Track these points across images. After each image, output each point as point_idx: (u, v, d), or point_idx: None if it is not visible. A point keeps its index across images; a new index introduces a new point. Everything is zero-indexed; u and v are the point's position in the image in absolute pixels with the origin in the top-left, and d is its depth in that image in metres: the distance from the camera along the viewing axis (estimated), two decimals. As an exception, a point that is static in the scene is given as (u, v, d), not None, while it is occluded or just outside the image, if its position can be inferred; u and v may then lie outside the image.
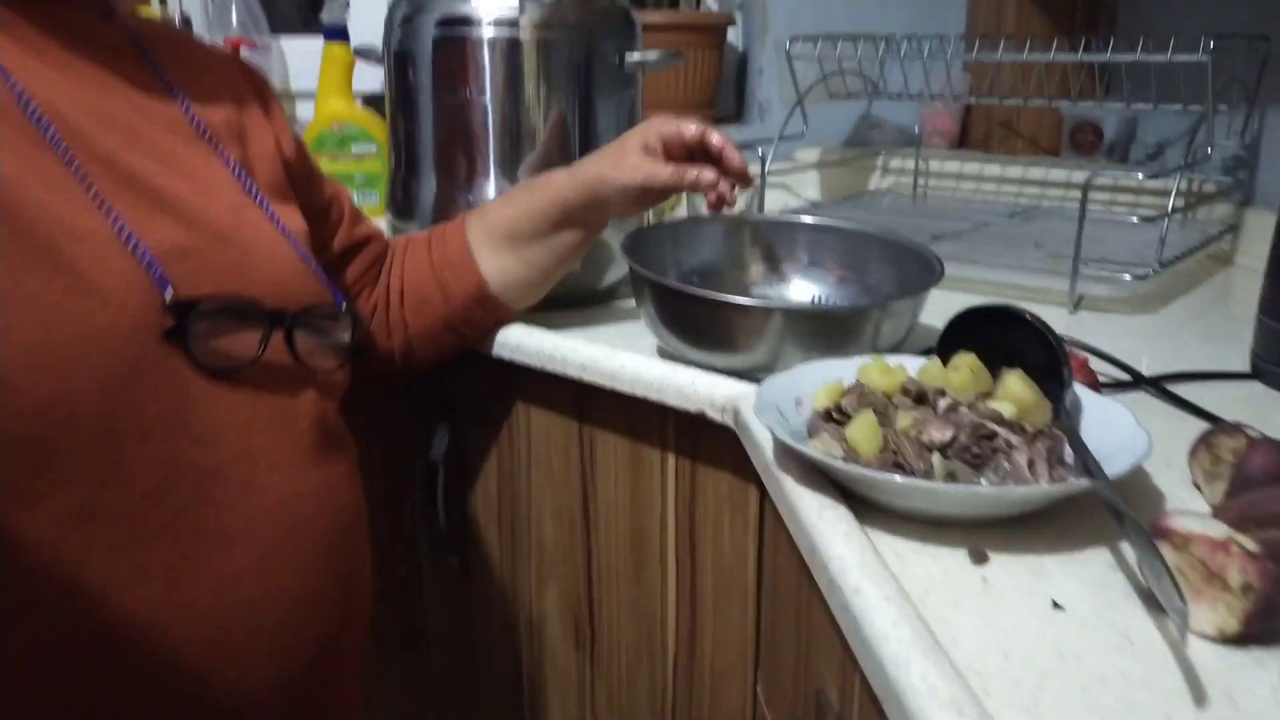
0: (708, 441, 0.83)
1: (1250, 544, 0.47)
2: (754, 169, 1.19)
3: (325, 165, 1.34)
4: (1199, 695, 0.43)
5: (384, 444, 1.06)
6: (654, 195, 0.82)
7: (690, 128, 0.81)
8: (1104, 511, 0.57)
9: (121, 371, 0.56)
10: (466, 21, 0.96)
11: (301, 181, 0.80)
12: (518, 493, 0.99)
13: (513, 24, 0.96)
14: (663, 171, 0.80)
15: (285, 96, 1.46)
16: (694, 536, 0.87)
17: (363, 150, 1.34)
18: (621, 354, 0.83)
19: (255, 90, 0.79)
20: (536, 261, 0.86)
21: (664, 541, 0.89)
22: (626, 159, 0.81)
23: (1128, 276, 0.96)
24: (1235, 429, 0.60)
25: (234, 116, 0.74)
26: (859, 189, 1.50)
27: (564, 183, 0.84)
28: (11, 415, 0.51)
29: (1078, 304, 0.98)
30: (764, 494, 0.80)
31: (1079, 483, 0.53)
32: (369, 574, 0.76)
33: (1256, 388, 0.79)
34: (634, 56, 1.00)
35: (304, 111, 1.46)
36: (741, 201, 1.26)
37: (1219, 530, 0.48)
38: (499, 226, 0.86)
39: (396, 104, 1.01)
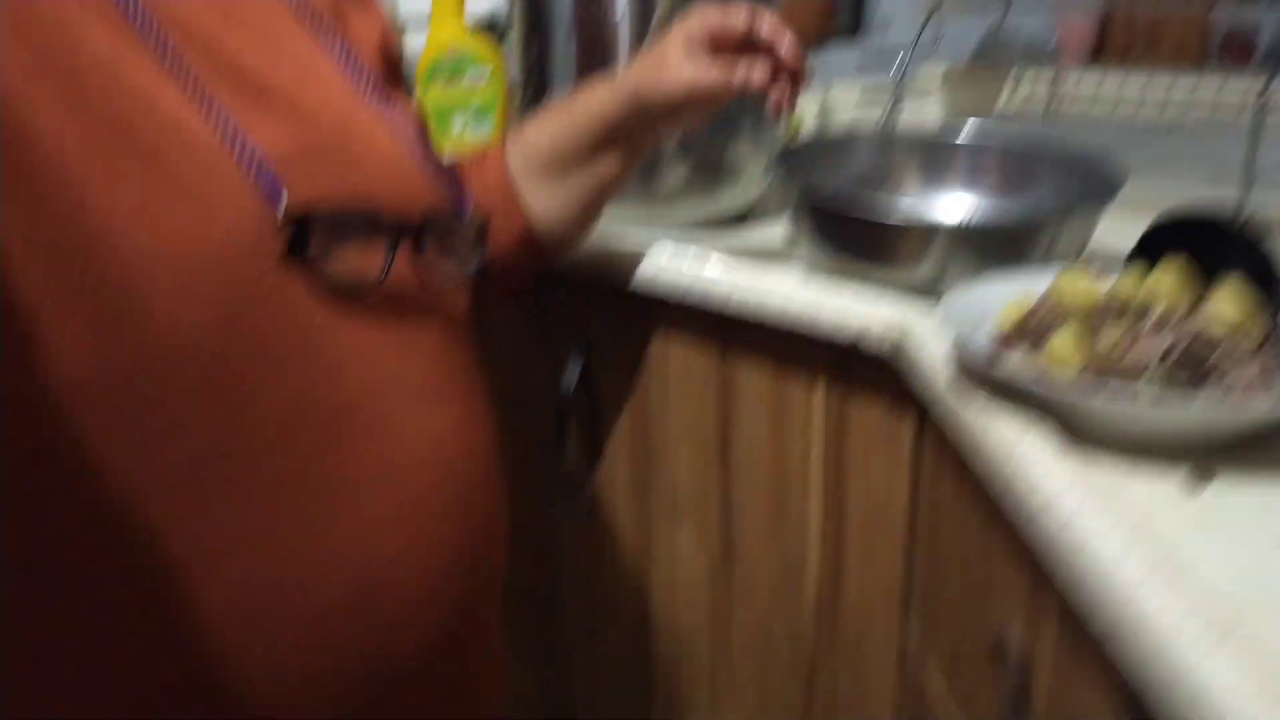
0: (860, 372, 0.78)
1: None
2: (885, 84, 1.12)
3: (440, 96, 1.32)
4: None
5: (510, 378, 1.04)
6: (702, 102, 0.72)
7: (737, 17, 0.70)
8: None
9: (237, 297, 0.49)
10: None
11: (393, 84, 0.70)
12: (651, 429, 0.96)
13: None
14: (708, 74, 0.69)
15: (393, 27, 1.43)
16: (840, 473, 0.83)
17: (477, 77, 1.30)
18: (768, 283, 0.79)
19: None
20: (578, 193, 0.77)
21: (807, 478, 0.85)
22: (668, 63, 0.71)
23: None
24: None
25: None
26: (988, 107, 1.42)
27: (603, 96, 0.73)
28: (121, 351, 0.46)
29: (1250, 220, 0.90)
30: (921, 427, 0.76)
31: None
32: (505, 519, 0.68)
33: None
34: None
35: (411, 41, 1.43)
36: (875, 117, 1.20)
37: None
38: (539, 152, 0.76)
39: (528, 21, 0.98)
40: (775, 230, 0.92)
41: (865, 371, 0.77)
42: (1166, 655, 0.37)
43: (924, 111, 1.39)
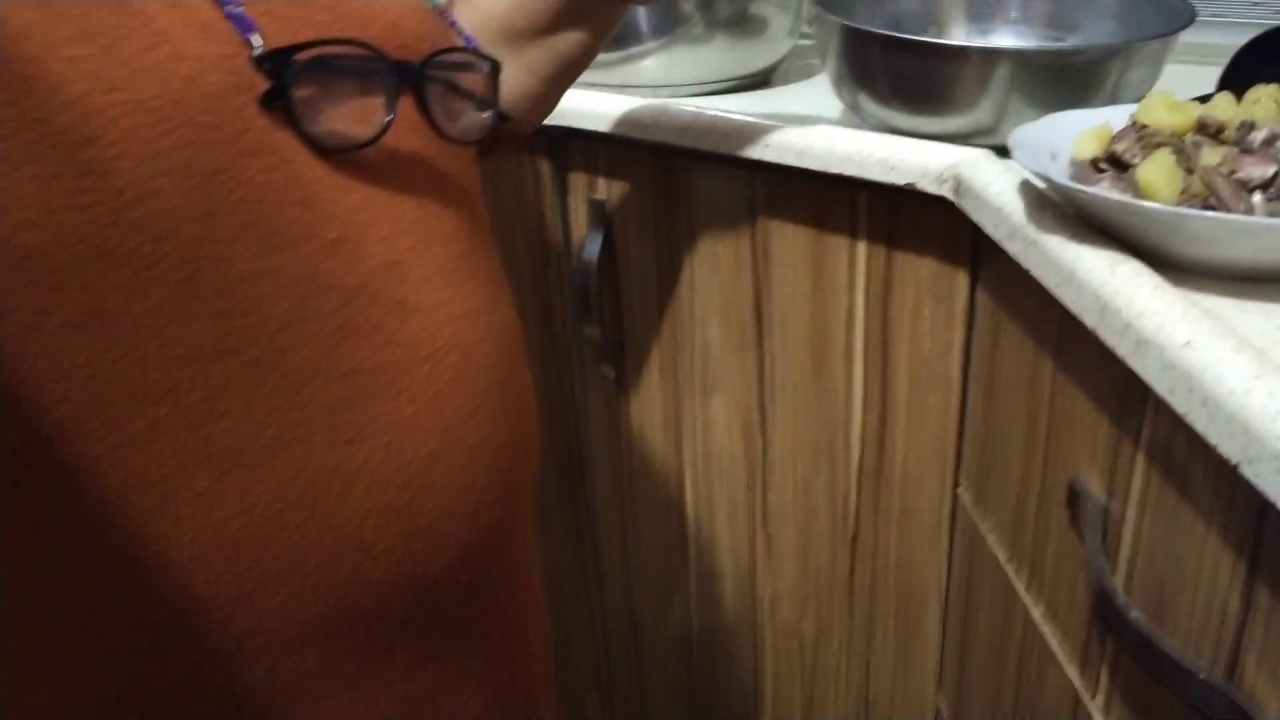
0: (908, 223, 0.74)
1: None
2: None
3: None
4: None
5: (531, 248, 1.00)
6: None
7: None
8: None
9: (216, 153, 0.42)
10: None
11: None
12: (679, 295, 0.92)
13: None
14: None
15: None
16: (886, 332, 0.80)
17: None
18: (811, 127, 0.74)
19: None
20: (539, 67, 0.70)
21: (850, 340, 0.82)
22: None
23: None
24: None
25: None
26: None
27: None
28: (81, 216, 0.38)
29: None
30: (975, 280, 0.72)
31: None
32: (536, 411, 0.62)
33: None
34: None
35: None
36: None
37: None
38: (491, 24, 0.68)
39: None
40: (804, 94, 0.87)
41: (916, 223, 0.73)
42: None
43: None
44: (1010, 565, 0.69)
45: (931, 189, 0.68)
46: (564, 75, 0.71)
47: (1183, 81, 0.69)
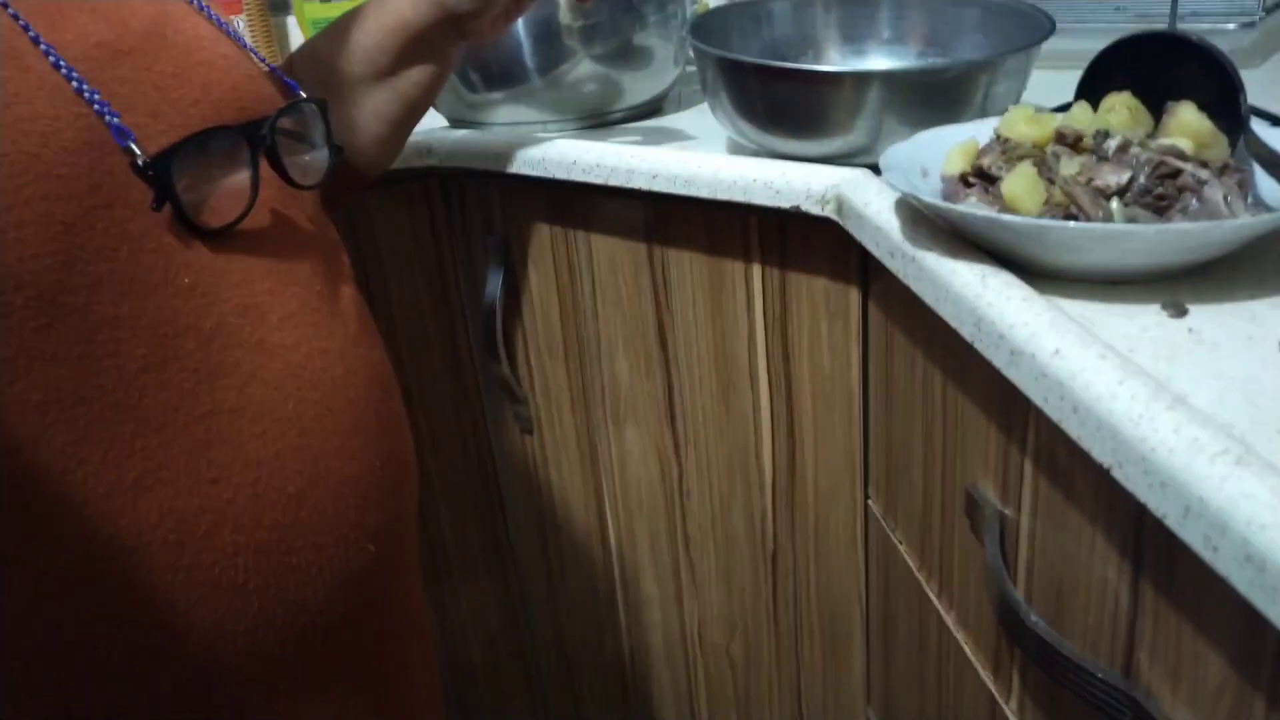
0: (798, 244, 0.75)
1: None
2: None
3: (318, 10, 1.22)
4: None
5: (433, 292, 0.99)
6: None
7: None
8: (1307, 248, 0.50)
9: (71, 205, 0.43)
10: None
11: None
12: (584, 330, 0.92)
13: None
14: None
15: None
16: (787, 351, 0.80)
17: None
18: (696, 155, 0.75)
19: None
20: (383, 111, 0.71)
21: (753, 361, 0.83)
22: None
23: (1232, 25, 0.87)
24: None
25: None
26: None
27: (400, 6, 0.68)
28: None
29: (1174, 65, 0.89)
30: (866, 295, 0.74)
31: (1300, 209, 0.46)
32: (413, 445, 0.63)
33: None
34: None
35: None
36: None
37: None
38: (333, 74, 0.70)
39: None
40: (694, 120, 0.88)
41: (805, 243, 0.75)
42: (1182, 479, 0.35)
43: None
44: (921, 574, 0.70)
45: (815, 210, 0.69)
46: (407, 117, 0.72)
47: (1051, 87, 0.71)
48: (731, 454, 0.88)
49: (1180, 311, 0.47)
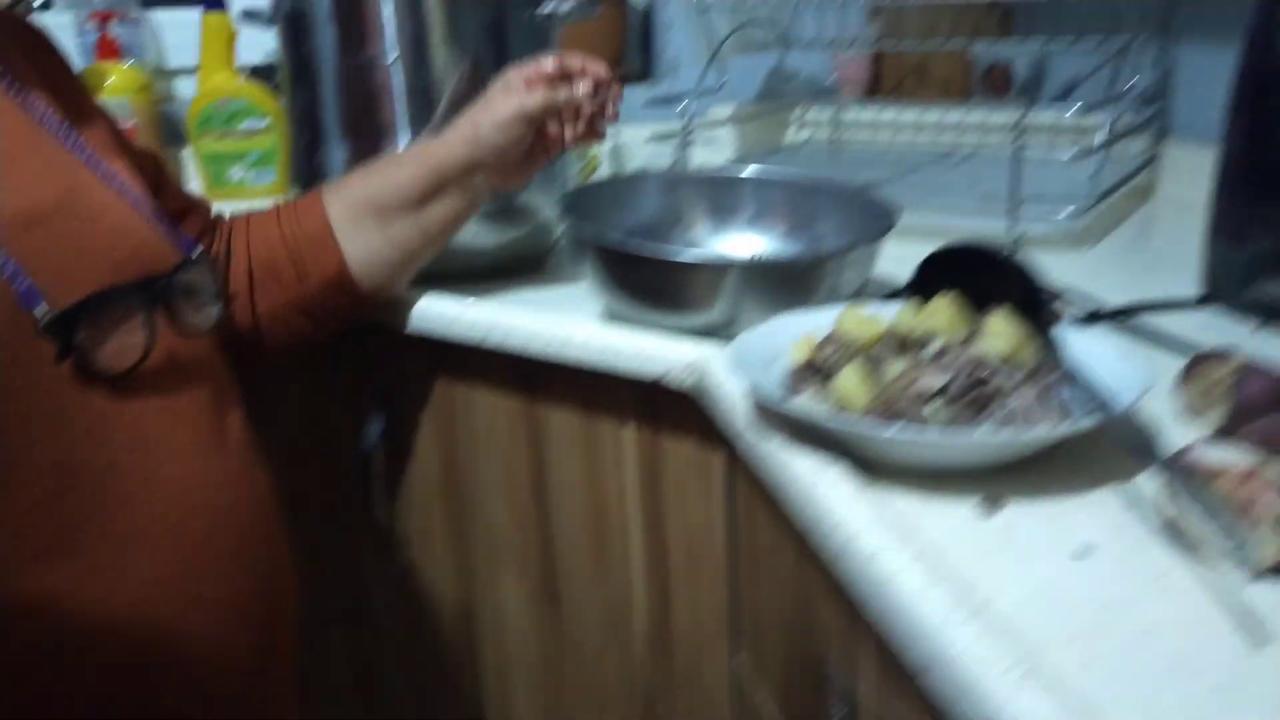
0: (667, 409, 0.78)
1: (1277, 472, 0.45)
2: (676, 126, 1.15)
3: (213, 145, 1.25)
4: (1258, 635, 0.41)
5: (315, 437, 0.99)
6: (531, 129, 0.77)
7: (547, 61, 0.77)
8: (1109, 447, 0.55)
9: None
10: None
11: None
12: (463, 480, 0.93)
13: (416, -22, 0.89)
14: (534, 96, 0.76)
15: (161, 74, 1.34)
16: (658, 509, 0.83)
17: (254, 126, 1.24)
18: (569, 322, 0.78)
19: (36, 43, 0.70)
20: (403, 240, 0.79)
21: (625, 517, 0.85)
22: (494, 100, 0.77)
23: (1066, 212, 0.95)
24: (1222, 355, 0.58)
25: (31, 66, 0.66)
26: (775, 143, 1.47)
27: (435, 147, 0.78)
28: None
29: (1018, 243, 0.97)
30: (732, 460, 0.77)
31: (1091, 420, 0.51)
32: (293, 571, 0.69)
33: (1212, 314, 0.78)
34: (547, 7, 0.94)
35: (184, 89, 1.35)
36: (667, 159, 1.22)
37: (1244, 461, 0.46)
38: (362, 199, 0.78)
39: (293, 71, 0.93)
40: (576, 278, 0.92)
41: (673, 408, 0.78)
42: (976, 692, 0.38)
43: (717, 151, 1.43)
44: (780, 737, 0.72)
45: (678, 383, 0.73)
46: (423, 249, 0.80)
47: (906, 259, 0.76)
48: (606, 606, 0.89)
49: (996, 506, 0.51)
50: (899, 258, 0.78)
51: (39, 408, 0.53)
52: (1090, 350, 0.60)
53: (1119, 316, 0.76)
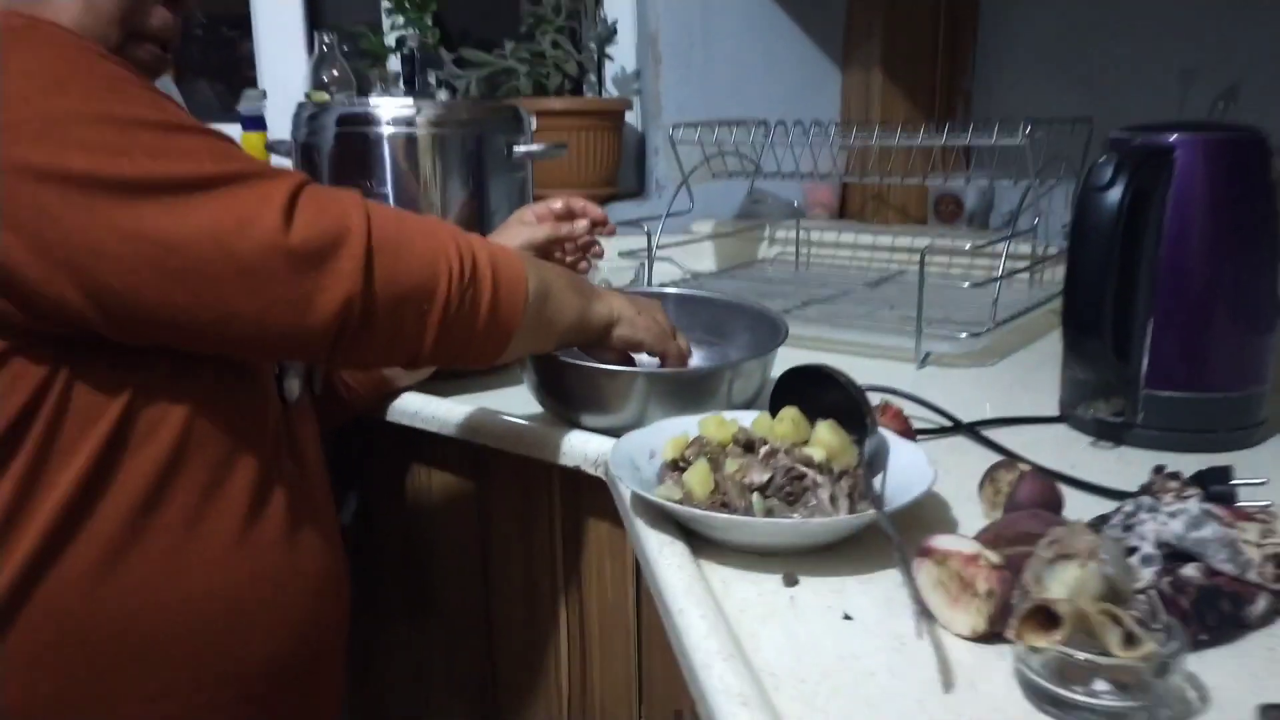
0: (588, 495, 0.92)
1: (995, 557, 0.57)
2: (642, 243, 1.30)
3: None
4: (948, 683, 0.53)
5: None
6: (537, 255, 0.92)
7: (555, 201, 0.96)
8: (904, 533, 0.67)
9: None
10: (366, 120, 1.06)
11: None
12: (422, 554, 1.07)
13: (409, 122, 1.06)
14: (542, 229, 0.95)
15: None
16: (581, 584, 0.95)
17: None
18: (508, 417, 0.92)
19: None
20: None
21: (555, 590, 0.98)
22: (510, 229, 0.95)
23: (964, 334, 1.08)
24: (1012, 463, 0.71)
25: None
26: (749, 258, 1.62)
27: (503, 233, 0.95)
28: None
29: (924, 360, 1.10)
30: (639, 540, 0.90)
31: (864, 514, 0.63)
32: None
33: (1063, 429, 0.90)
34: (521, 148, 1.11)
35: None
36: (630, 274, 1.37)
37: (971, 547, 0.58)
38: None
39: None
40: (519, 380, 1.06)
41: (594, 493, 0.91)
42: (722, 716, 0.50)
43: (698, 262, 1.58)
44: (662, 785, 0.83)
45: (591, 472, 0.86)
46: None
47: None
48: (537, 673, 1.01)
49: (793, 582, 0.63)
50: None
51: (257, 418, 0.72)
52: (907, 456, 0.72)
53: (972, 428, 0.88)
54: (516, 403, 0.96)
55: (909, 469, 0.70)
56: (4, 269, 0.58)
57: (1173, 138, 0.82)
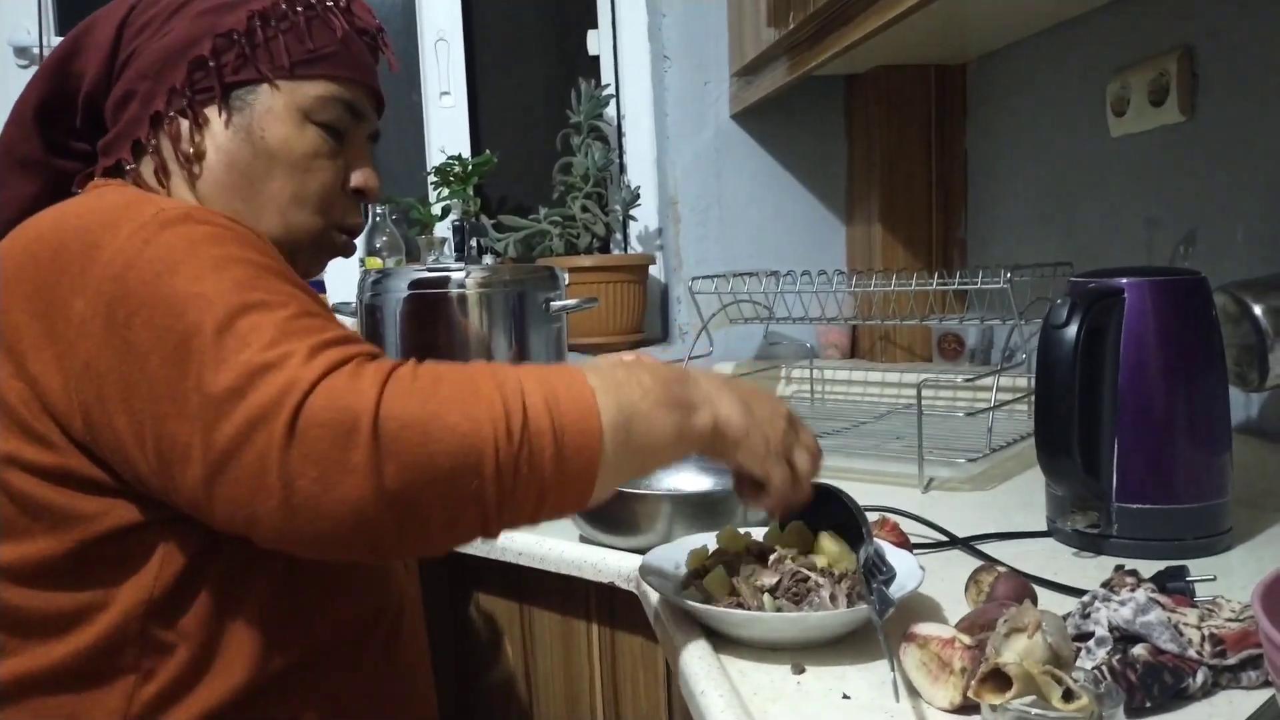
0: (622, 610, 1.02)
1: (968, 639, 0.67)
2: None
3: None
4: (929, 747, 0.62)
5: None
6: None
7: (627, 355, 1.06)
8: (894, 631, 0.77)
9: None
10: (433, 284, 1.23)
11: None
12: (473, 671, 1.16)
13: (461, 284, 1.22)
14: None
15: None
16: (617, 695, 1.04)
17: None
18: (549, 540, 1.04)
19: None
20: None
21: (594, 702, 1.06)
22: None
23: (962, 460, 1.19)
24: (992, 567, 0.81)
25: None
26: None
27: None
28: None
29: (928, 485, 1.20)
30: (668, 650, 0.99)
31: (858, 609, 0.73)
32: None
33: (1050, 542, 1.00)
34: (557, 303, 1.26)
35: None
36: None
37: (949, 632, 0.68)
38: None
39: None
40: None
41: (627, 608, 1.01)
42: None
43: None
44: None
45: (625, 587, 0.97)
46: None
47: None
48: (578, 779, 1.09)
49: (800, 670, 0.73)
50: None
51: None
52: (903, 563, 0.82)
53: (967, 542, 0.98)
54: (558, 526, 1.08)
55: (902, 573, 0.80)
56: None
57: (1123, 281, 0.95)
